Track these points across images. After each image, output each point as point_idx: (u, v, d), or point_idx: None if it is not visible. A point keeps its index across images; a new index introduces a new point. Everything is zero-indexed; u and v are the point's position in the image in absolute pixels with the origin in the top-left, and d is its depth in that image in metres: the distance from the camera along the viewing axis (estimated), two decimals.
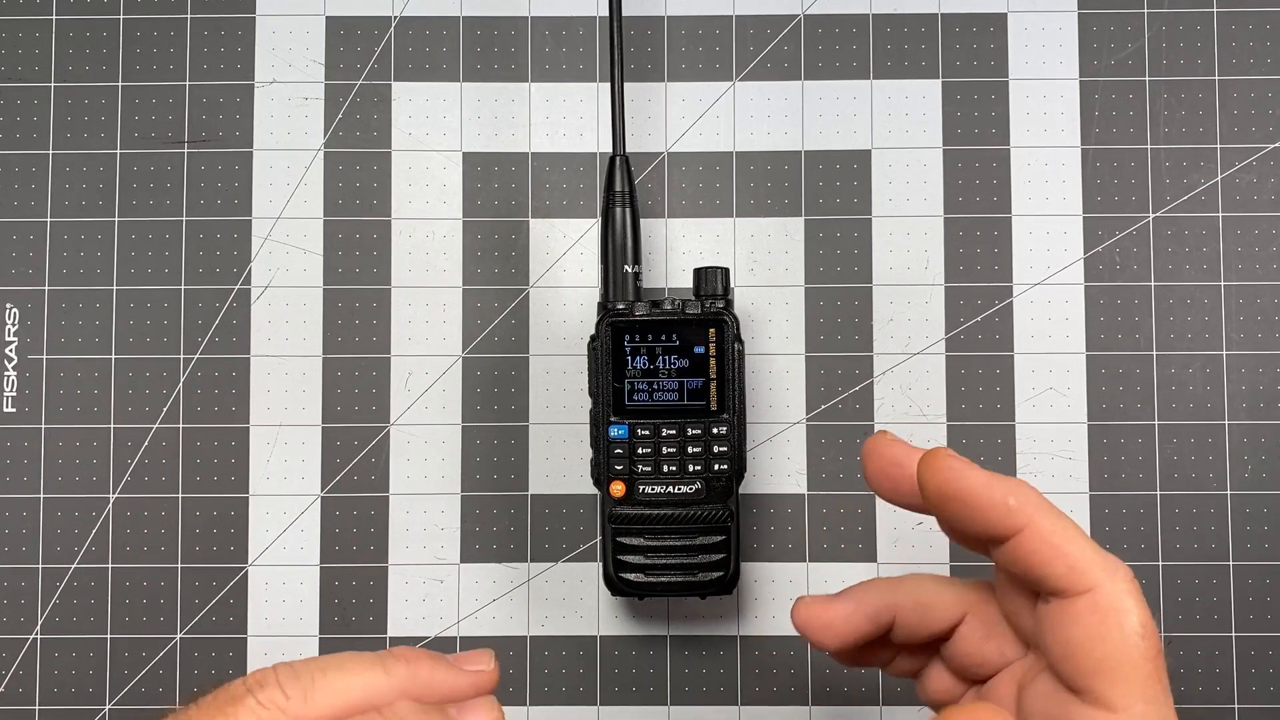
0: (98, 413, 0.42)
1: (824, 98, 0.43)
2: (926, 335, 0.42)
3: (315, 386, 0.42)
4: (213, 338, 0.42)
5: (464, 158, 0.43)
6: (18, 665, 0.41)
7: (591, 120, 0.43)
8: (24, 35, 0.43)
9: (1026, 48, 0.43)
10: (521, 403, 0.42)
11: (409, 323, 0.42)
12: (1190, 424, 0.42)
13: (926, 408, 0.42)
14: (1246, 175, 0.42)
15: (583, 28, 0.43)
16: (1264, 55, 0.43)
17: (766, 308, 0.42)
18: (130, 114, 0.43)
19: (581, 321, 0.42)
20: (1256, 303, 0.42)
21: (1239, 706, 0.41)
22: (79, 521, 0.42)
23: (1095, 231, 0.42)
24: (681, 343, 0.38)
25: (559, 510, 0.42)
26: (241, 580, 0.42)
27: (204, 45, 0.43)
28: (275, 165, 0.43)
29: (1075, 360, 0.42)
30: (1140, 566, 0.41)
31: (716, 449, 0.38)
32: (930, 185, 0.43)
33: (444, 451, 0.42)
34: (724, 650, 0.41)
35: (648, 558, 0.38)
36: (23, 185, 0.43)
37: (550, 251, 0.43)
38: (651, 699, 0.41)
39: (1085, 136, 0.43)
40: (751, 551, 0.41)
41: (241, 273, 0.43)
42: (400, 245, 0.43)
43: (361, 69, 0.43)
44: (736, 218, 0.43)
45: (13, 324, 0.43)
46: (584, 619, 0.41)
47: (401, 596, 0.41)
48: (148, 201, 0.43)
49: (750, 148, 0.43)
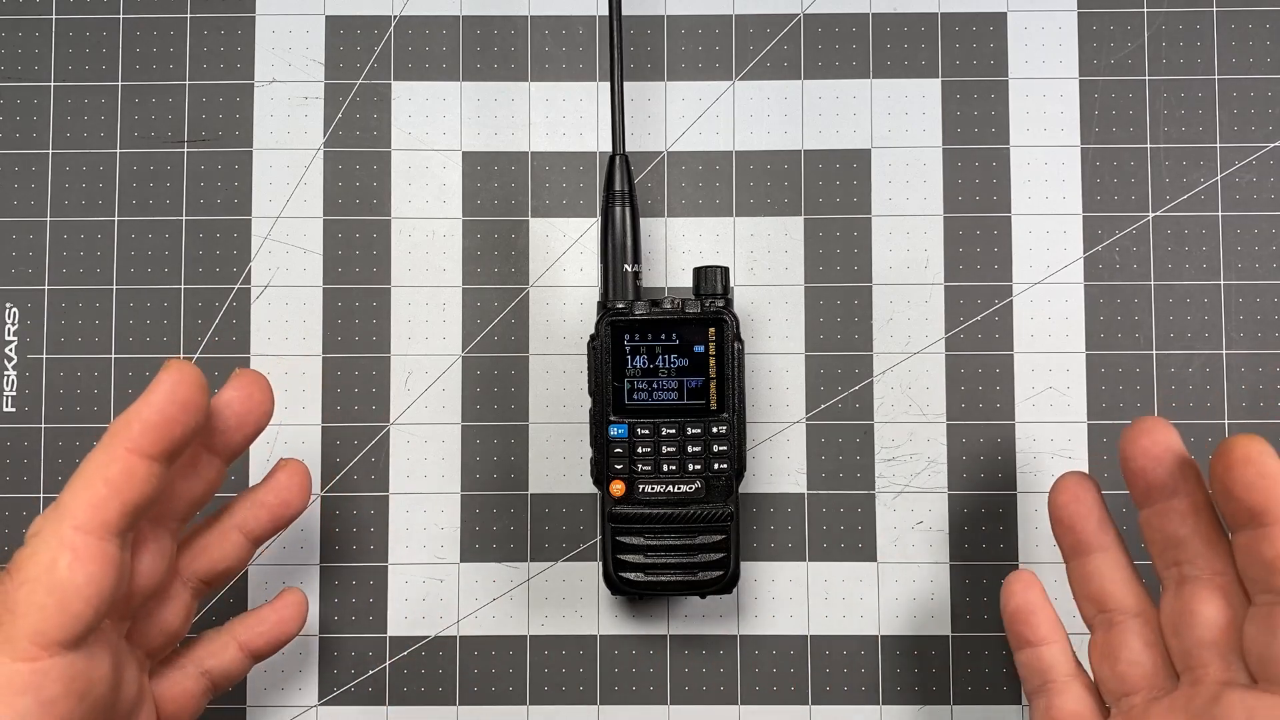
0: (98, 413, 0.42)
1: (824, 97, 0.43)
2: (926, 335, 0.42)
3: (315, 386, 0.42)
4: (212, 337, 0.42)
5: (464, 157, 0.43)
6: None
7: (591, 120, 0.43)
8: (24, 35, 0.43)
9: (1026, 47, 0.43)
10: (521, 402, 0.42)
11: (409, 322, 0.42)
12: (1190, 424, 0.42)
13: (926, 407, 0.42)
14: (1246, 175, 0.42)
15: (582, 27, 0.43)
16: (1264, 55, 0.43)
17: (766, 307, 0.42)
18: (130, 114, 0.43)
19: (581, 321, 0.42)
20: (1256, 302, 0.42)
21: None
22: None
23: (1095, 231, 0.42)
24: (681, 342, 0.38)
25: (559, 510, 0.42)
26: (242, 579, 0.42)
27: (204, 45, 0.43)
28: (275, 165, 0.43)
29: (1075, 360, 0.42)
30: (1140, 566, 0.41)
31: (716, 448, 0.38)
32: (930, 185, 0.43)
33: (444, 451, 0.42)
34: (724, 650, 0.41)
35: (648, 557, 0.38)
36: (23, 185, 0.43)
37: (550, 251, 0.43)
38: (651, 699, 0.41)
39: (1085, 136, 0.43)
40: (751, 551, 0.41)
41: (241, 272, 0.43)
42: (400, 245, 0.43)
43: (361, 68, 0.43)
44: (736, 217, 0.43)
45: (13, 324, 0.43)
46: (584, 618, 0.41)
47: (401, 596, 0.41)
48: (147, 201, 0.43)
49: (750, 147, 0.43)
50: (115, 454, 0.28)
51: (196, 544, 0.35)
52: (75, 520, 0.28)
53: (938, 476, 0.42)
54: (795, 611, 0.41)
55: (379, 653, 0.41)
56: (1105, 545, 0.34)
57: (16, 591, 0.27)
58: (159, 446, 0.29)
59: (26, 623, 0.27)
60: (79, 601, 0.27)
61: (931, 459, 0.42)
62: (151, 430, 0.28)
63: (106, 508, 0.28)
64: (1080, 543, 0.34)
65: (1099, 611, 0.34)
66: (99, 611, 0.28)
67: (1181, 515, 0.32)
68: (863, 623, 0.41)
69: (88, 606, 0.27)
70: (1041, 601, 0.35)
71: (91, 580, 0.27)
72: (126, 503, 0.28)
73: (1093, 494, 0.34)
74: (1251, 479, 0.29)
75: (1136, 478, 0.32)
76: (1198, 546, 0.31)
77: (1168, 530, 0.32)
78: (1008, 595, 0.35)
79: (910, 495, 0.42)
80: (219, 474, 0.34)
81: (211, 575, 0.35)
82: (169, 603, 0.34)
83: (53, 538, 0.27)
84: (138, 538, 0.31)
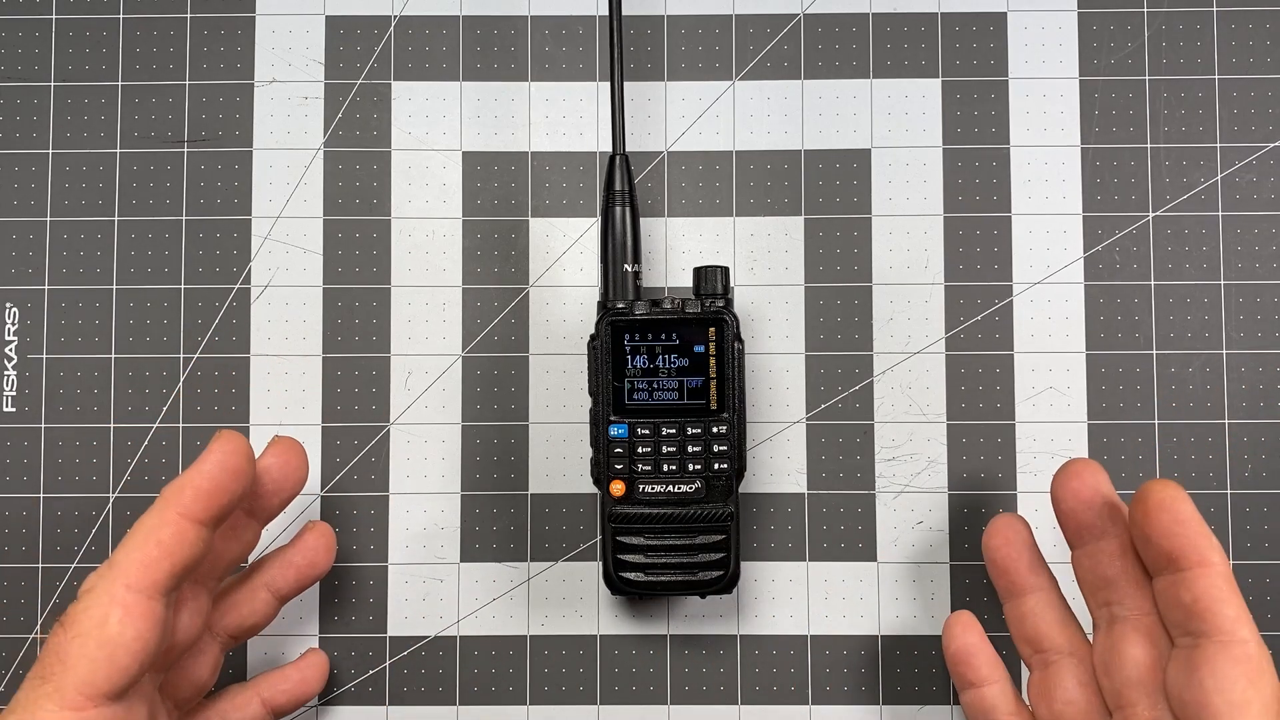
0: (97, 412, 0.42)
1: (824, 97, 0.43)
2: (926, 334, 0.42)
3: (315, 386, 0.42)
4: (212, 337, 0.42)
5: (464, 157, 0.43)
6: (18, 665, 0.41)
7: (591, 119, 0.43)
8: (24, 35, 0.43)
9: (1026, 47, 0.43)
10: (521, 402, 0.42)
11: (409, 322, 0.42)
12: (1190, 423, 0.42)
13: (926, 407, 0.42)
14: (1246, 174, 0.42)
15: (582, 27, 0.43)
16: (1264, 55, 0.43)
17: (766, 307, 0.42)
18: (130, 114, 0.43)
19: (581, 321, 0.42)
20: (1256, 302, 0.42)
21: None
22: (79, 521, 0.42)
23: (1095, 230, 0.42)
24: (681, 342, 0.38)
25: (559, 509, 0.42)
26: None
27: (204, 45, 0.43)
28: (275, 165, 0.43)
29: (1075, 359, 0.42)
30: None
31: (716, 448, 0.38)
32: (930, 184, 0.43)
33: (444, 451, 0.42)
34: (724, 650, 0.41)
35: (648, 557, 0.38)
36: (23, 185, 0.43)
37: (550, 251, 0.43)
38: (651, 699, 0.41)
39: (1085, 135, 0.43)
40: (751, 551, 0.41)
41: (241, 272, 0.43)
42: (400, 245, 0.43)
43: (361, 68, 0.43)
44: (736, 217, 0.43)
45: (13, 324, 0.43)
46: (584, 618, 0.41)
47: (401, 596, 0.41)
48: (147, 201, 0.43)
49: (750, 147, 0.43)
50: (168, 518, 0.30)
51: (227, 600, 0.37)
52: (128, 579, 0.29)
53: (938, 476, 0.42)
54: (795, 611, 0.41)
55: (379, 653, 0.41)
56: (1038, 586, 0.35)
57: (69, 644, 0.29)
58: (209, 512, 0.31)
59: (76, 674, 0.29)
60: (126, 656, 0.29)
61: (931, 459, 0.42)
62: (203, 497, 0.31)
63: (157, 569, 0.30)
64: (1014, 585, 0.36)
65: (1035, 652, 0.35)
66: (143, 666, 0.30)
67: (1110, 556, 0.33)
68: (863, 623, 0.41)
69: (134, 661, 0.29)
70: (981, 643, 0.37)
71: (139, 636, 0.29)
72: (176, 564, 0.30)
73: (1023, 536, 0.36)
74: (1167, 525, 0.30)
75: (1067, 520, 0.34)
76: (1126, 587, 0.32)
77: (1098, 571, 0.33)
78: (948, 639, 0.37)
79: (910, 495, 0.42)
80: (255, 536, 0.36)
81: (239, 630, 0.37)
82: (199, 656, 0.36)
83: (105, 594, 0.29)
84: (179, 595, 0.33)
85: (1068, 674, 0.34)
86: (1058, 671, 0.34)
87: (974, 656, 0.36)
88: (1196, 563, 0.30)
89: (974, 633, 0.37)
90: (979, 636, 0.37)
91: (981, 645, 0.37)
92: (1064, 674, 0.34)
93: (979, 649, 0.36)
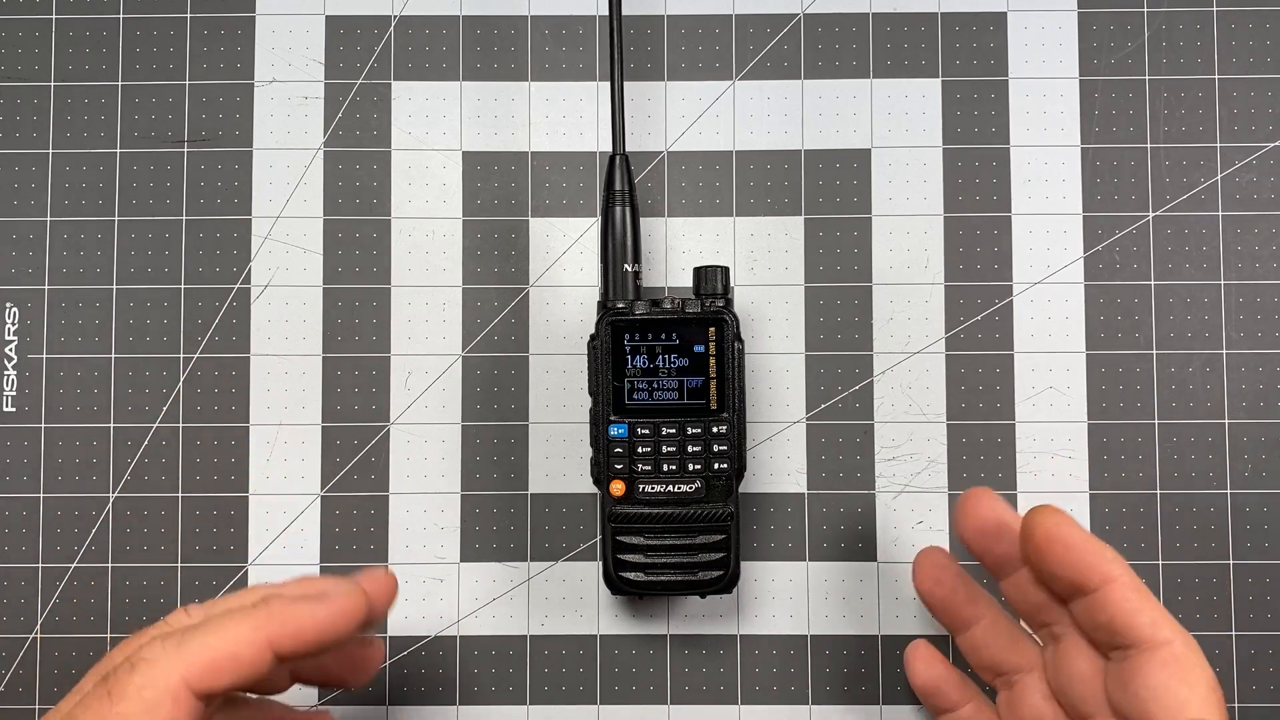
0: (97, 412, 0.42)
1: (824, 97, 0.43)
2: (926, 334, 0.42)
3: (315, 386, 0.42)
4: (212, 337, 0.42)
5: (464, 157, 0.43)
6: (18, 665, 0.41)
7: (591, 119, 0.43)
8: (24, 35, 0.43)
9: (1026, 47, 0.43)
10: (521, 402, 0.42)
11: (409, 322, 0.42)
12: (1190, 423, 0.42)
13: (926, 407, 0.42)
14: (1246, 174, 0.42)
15: (583, 27, 0.43)
16: (1264, 55, 0.43)
17: (766, 307, 0.42)
18: (130, 114, 0.43)
19: (581, 320, 0.42)
20: (1256, 302, 0.42)
21: (1239, 706, 0.41)
22: (79, 521, 0.42)
23: (1095, 230, 0.42)
24: (681, 342, 0.38)
25: (559, 509, 0.42)
26: (241, 580, 0.42)
27: (204, 45, 0.43)
28: (275, 165, 0.43)
29: (1075, 359, 0.42)
30: (1140, 566, 0.41)
31: (716, 448, 0.38)
32: (930, 184, 0.43)
33: (444, 450, 0.42)
34: (724, 650, 0.41)
35: (648, 557, 0.38)
36: (23, 185, 0.43)
37: (550, 251, 0.43)
38: (651, 698, 0.41)
39: (1085, 135, 0.43)
40: (751, 551, 0.41)
41: (241, 272, 0.43)
42: (400, 244, 0.43)
43: (361, 68, 0.43)
44: (736, 217, 0.43)
45: (13, 324, 0.43)
46: (584, 618, 0.41)
47: (401, 595, 0.41)
48: (147, 201, 0.43)
49: (750, 147, 0.43)
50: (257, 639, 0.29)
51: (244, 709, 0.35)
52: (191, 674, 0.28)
53: (938, 476, 0.42)
54: (795, 611, 0.41)
55: None
56: (980, 615, 0.36)
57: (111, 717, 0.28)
58: (296, 652, 0.30)
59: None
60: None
61: (931, 459, 0.42)
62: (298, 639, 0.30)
63: (222, 678, 0.29)
64: (957, 620, 0.36)
65: (996, 675, 0.36)
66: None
67: (1033, 583, 0.33)
68: (863, 623, 0.41)
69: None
70: (945, 672, 0.37)
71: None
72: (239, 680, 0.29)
73: (950, 570, 0.36)
74: (1060, 555, 0.31)
75: (982, 556, 0.34)
76: (1057, 607, 0.33)
77: (1027, 598, 0.33)
78: (912, 674, 0.38)
79: (910, 495, 0.42)
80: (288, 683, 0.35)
81: None
82: None
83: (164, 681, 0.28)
84: None
85: (1031, 690, 0.34)
86: (1021, 690, 0.35)
87: (941, 685, 0.37)
88: (1101, 582, 0.30)
89: (937, 664, 0.38)
90: (943, 665, 0.38)
91: (947, 674, 0.37)
92: (1028, 691, 0.34)
93: (945, 678, 0.37)
